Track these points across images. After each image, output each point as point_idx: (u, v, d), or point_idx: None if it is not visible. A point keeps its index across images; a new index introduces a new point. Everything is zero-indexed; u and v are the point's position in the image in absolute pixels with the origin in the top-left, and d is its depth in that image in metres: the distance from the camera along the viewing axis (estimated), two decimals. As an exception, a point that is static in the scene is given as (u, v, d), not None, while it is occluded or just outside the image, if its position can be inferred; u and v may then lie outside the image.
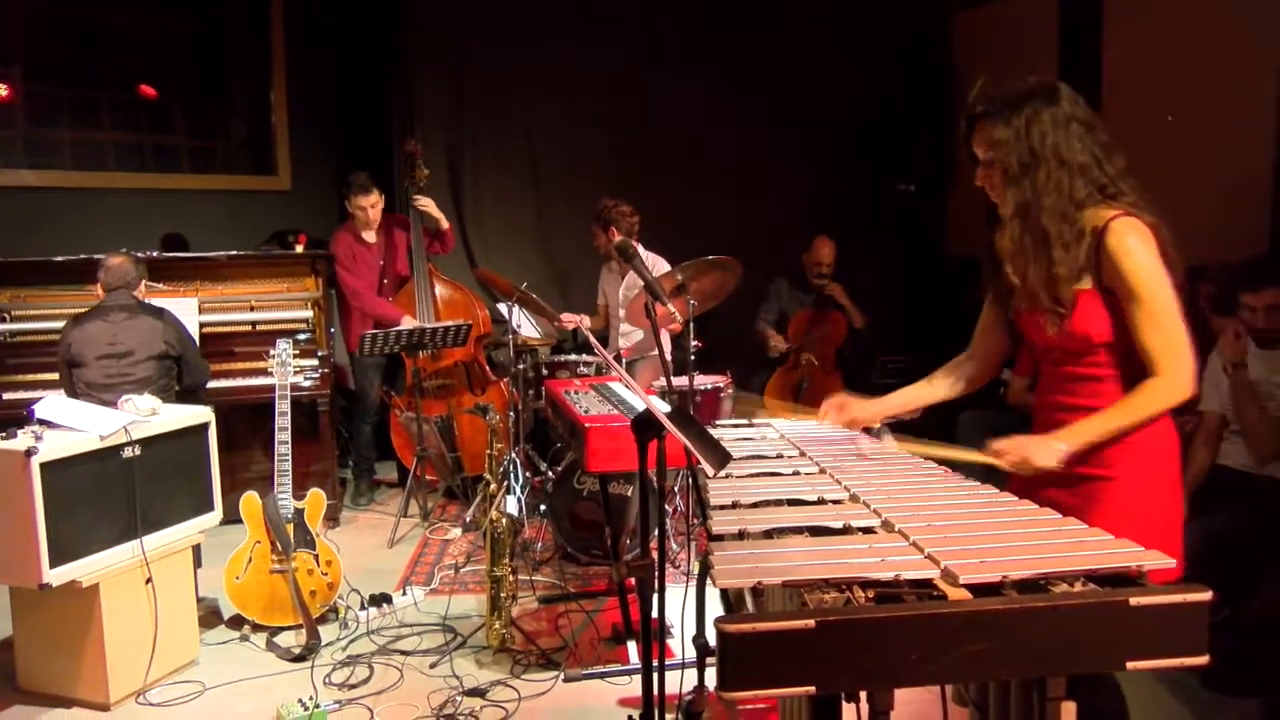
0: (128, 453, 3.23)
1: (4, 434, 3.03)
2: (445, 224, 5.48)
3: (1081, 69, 5.33)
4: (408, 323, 5.19)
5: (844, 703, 1.58)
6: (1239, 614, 3.12)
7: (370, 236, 5.40)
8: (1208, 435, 3.46)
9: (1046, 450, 1.99)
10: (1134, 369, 2.02)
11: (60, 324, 4.68)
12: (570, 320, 5.26)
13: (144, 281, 4.15)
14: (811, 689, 1.40)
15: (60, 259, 4.83)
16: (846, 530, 1.78)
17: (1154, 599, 1.45)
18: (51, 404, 3.26)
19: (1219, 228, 4.43)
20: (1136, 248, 1.95)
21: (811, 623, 1.38)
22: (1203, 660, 1.47)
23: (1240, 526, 3.20)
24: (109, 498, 3.18)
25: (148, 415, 3.37)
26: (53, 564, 2.97)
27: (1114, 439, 2.01)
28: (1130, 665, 1.46)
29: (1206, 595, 1.46)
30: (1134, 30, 5.08)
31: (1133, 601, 1.44)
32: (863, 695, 1.52)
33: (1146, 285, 1.94)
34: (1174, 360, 1.95)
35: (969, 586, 1.50)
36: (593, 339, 2.79)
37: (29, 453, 2.92)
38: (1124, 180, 2.04)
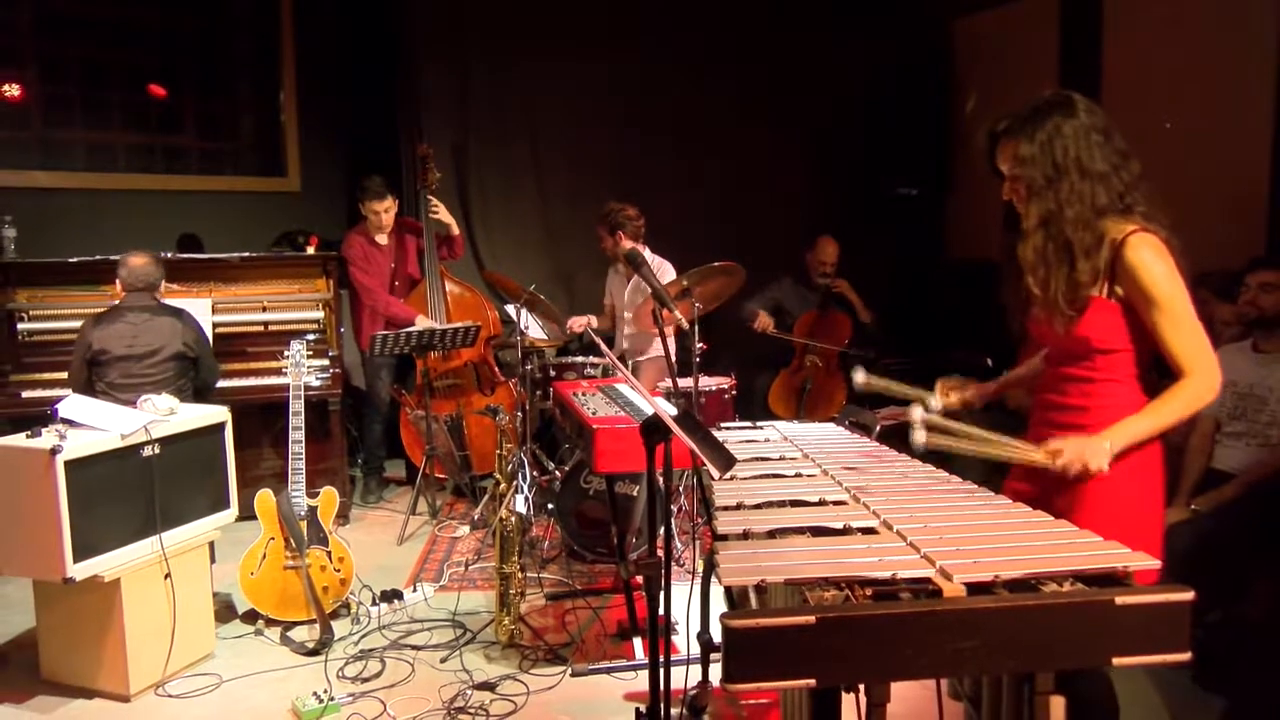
0: (147, 451, 3.32)
1: (29, 433, 3.12)
2: (456, 230, 5.57)
3: (1081, 74, 5.40)
4: (421, 322, 5.28)
5: (843, 695, 1.66)
6: (1231, 614, 3.20)
7: (382, 239, 5.49)
8: (1202, 439, 3.53)
9: (1098, 450, 2.05)
10: (1125, 376, 2.13)
11: (75, 324, 4.77)
12: (577, 323, 5.33)
13: (163, 279, 4.21)
14: (812, 682, 1.48)
15: (74, 260, 4.92)
16: (847, 531, 1.85)
17: (1138, 598, 1.53)
18: (74, 403, 3.34)
19: (1217, 234, 4.50)
20: (1153, 260, 2.04)
21: (812, 619, 1.45)
22: (1185, 657, 1.54)
23: (1232, 528, 3.27)
24: (129, 495, 3.27)
25: (166, 415, 3.46)
26: (76, 559, 3.06)
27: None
28: (1116, 661, 1.54)
29: (1188, 595, 1.54)
30: (1133, 36, 5.15)
31: (1118, 601, 1.51)
32: (861, 688, 1.60)
33: (1165, 293, 2.04)
34: (1200, 360, 2.05)
35: (963, 585, 1.57)
36: (600, 342, 2.87)
37: (54, 451, 3.00)
38: (1138, 188, 2.13)
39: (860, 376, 2.47)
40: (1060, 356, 2.23)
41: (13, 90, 5.51)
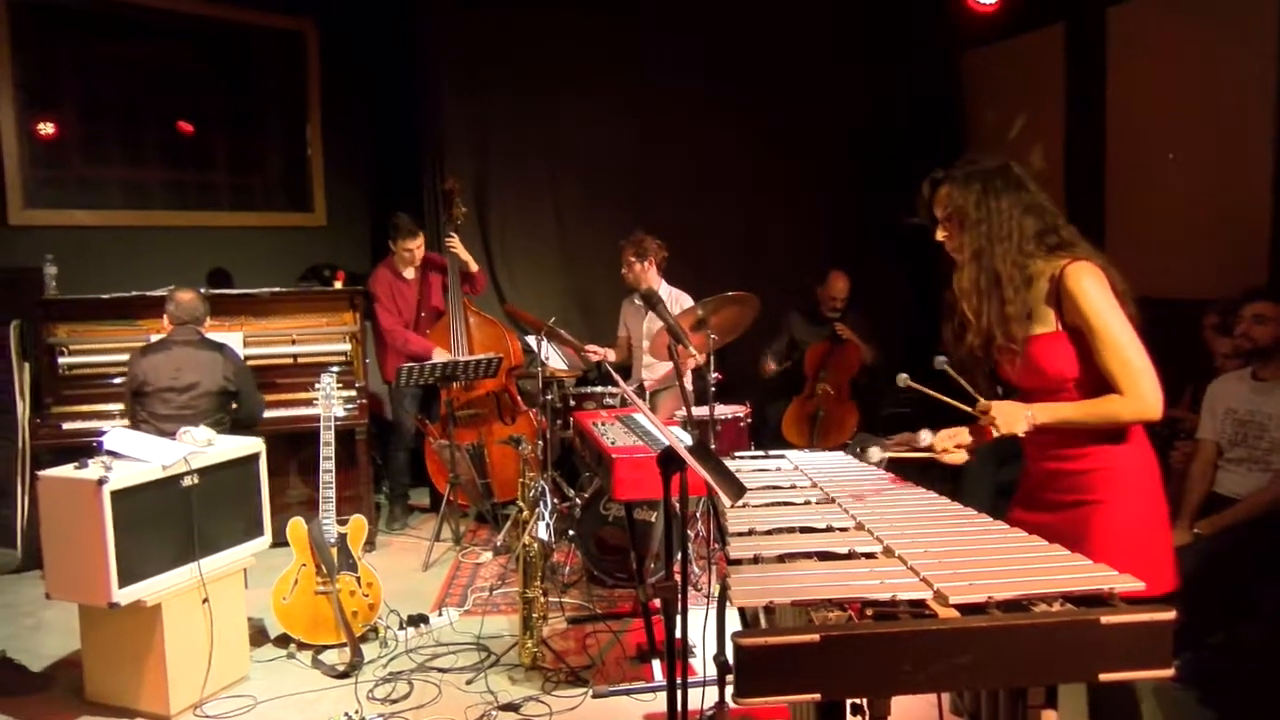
0: (187, 481, 3.47)
1: (77, 464, 3.28)
2: (474, 266, 5.73)
3: (1086, 106, 5.53)
4: (439, 355, 5.44)
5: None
6: (1235, 637, 3.27)
7: (409, 273, 5.67)
8: (1204, 464, 3.62)
9: (1017, 417, 2.23)
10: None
11: (112, 358, 4.99)
12: (594, 351, 5.46)
13: (208, 314, 4.37)
14: (817, 696, 1.59)
15: (107, 296, 5.11)
16: (851, 555, 1.97)
17: (1123, 618, 1.63)
18: (118, 436, 3.51)
19: (1220, 261, 4.60)
20: (1089, 286, 2.21)
21: (817, 637, 1.56)
22: (1168, 673, 1.64)
23: (1236, 552, 3.35)
24: (170, 523, 3.41)
25: (204, 446, 3.61)
26: (121, 584, 3.21)
27: (1095, 468, 2.25)
28: (1103, 677, 1.63)
29: (1170, 615, 1.64)
30: (1137, 69, 5.27)
31: (1104, 620, 1.61)
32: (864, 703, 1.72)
33: (1099, 316, 2.19)
34: (1132, 380, 2.18)
35: (958, 606, 1.68)
36: (615, 375, 2.99)
37: (101, 482, 3.16)
38: (1075, 239, 2.30)
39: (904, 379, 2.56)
40: (1036, 395, 2.34)
41: (47, 128, 5.71)
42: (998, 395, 2.44)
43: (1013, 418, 2.23)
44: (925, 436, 2.52)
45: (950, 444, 2.52)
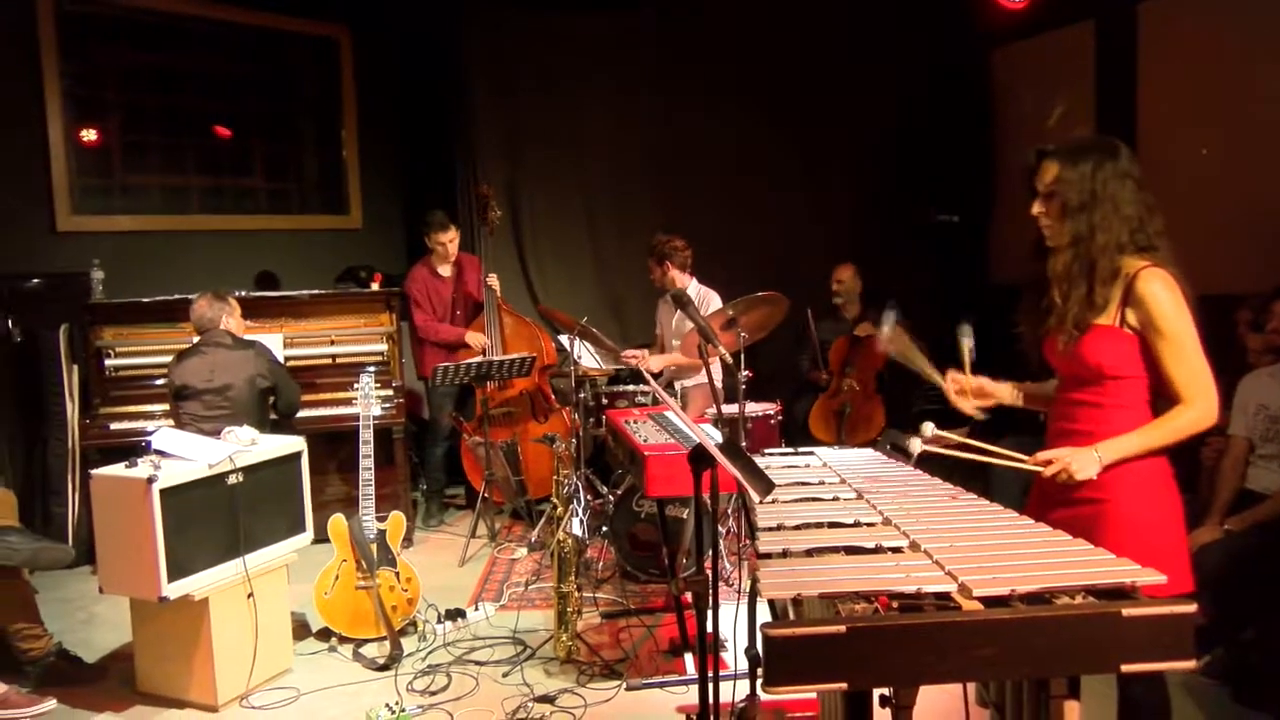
0: (232, 479, 3.58)
1: (128, 463, 3.40)
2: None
3: (1117, 101, 5.51)
4: (472, 338, 5.57)
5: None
6: (1267, 633, 3.28)
7: (445, 270, 5.78)
8: (1235, 460, 3.62)
9: (1087, 461, 2.25)
10: (1134, 402, 2.29)
11: (155, 359, 5.12)
12: (632, 356, 5.52)
13: (226, 315, 4.40)
14: (844, 685, 1.64)
15: (148, 300, 5.25)
16: (878, 550, 2.01)
17: (1144, 610, 1.66)
18: (166, 436, 3.62)
19: (1252, 258, 4.57)
20: (1163, 293, 2.23)
21: (843, 628, 1.61)
22: (1189, 665, 1.68)
23: (1267, 548, 3.35)
24: (217, 520, 3.52)
25: (248, 445, 3.72)
26: (170, 579, 3.32)
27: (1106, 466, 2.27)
28: (1124, 668, 1.67)
29: (1192, 608, 1.67)
30: (1168, 64, 5.25)
31: (1125, 613, 1.65)
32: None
33: (1171, 323, 2.22)
34: (1198, 390, 2.22)
35: (981, 599, 1.73)
36: (647, 374, 3.04)
37: (150, 480, 3.27)
38: (1160, 238, 2.32)
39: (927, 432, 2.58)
40: (1071, 382, 2.39)
41: (92, 135, 5.86)
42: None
43: (1085, 461, 2.25)
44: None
45: (957, 388, 2.57)
